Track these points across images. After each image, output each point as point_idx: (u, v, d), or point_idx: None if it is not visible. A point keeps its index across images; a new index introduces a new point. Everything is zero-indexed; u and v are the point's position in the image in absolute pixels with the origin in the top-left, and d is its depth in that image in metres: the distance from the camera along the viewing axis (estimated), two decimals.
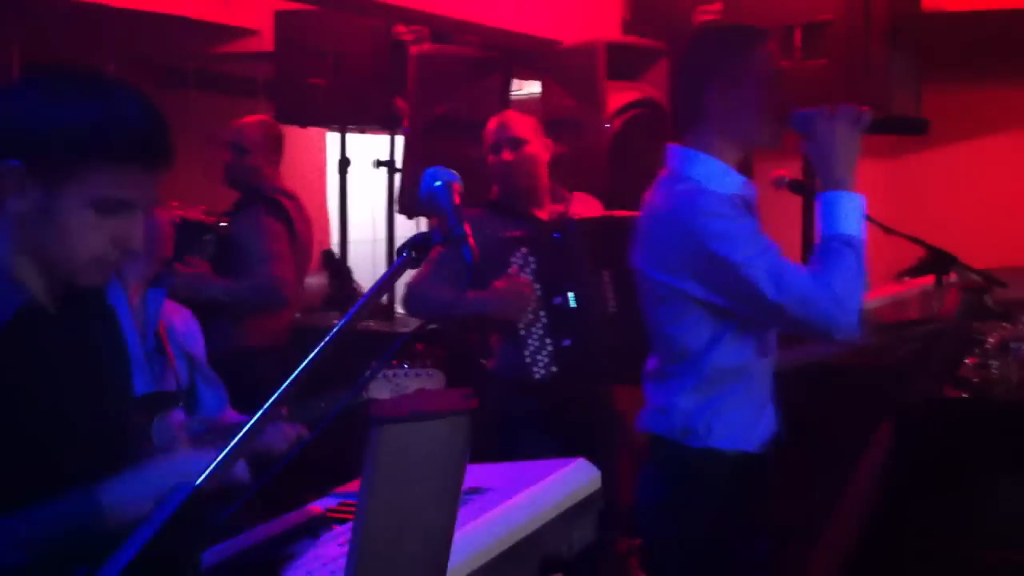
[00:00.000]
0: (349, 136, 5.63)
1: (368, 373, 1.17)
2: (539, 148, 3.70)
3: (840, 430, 3.54)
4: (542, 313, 3.54)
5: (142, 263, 2.64)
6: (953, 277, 3.45)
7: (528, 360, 3.54)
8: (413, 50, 4.69)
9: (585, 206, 3.85)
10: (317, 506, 1.85)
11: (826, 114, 2.33)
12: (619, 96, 4.42)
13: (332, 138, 7.43)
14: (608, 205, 3.98)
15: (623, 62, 4.52)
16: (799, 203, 4.51)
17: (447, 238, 1.43)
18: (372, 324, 5.56)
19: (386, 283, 1.37)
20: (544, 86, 4.64)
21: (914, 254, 4.25)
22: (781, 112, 2.41)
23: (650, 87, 4.52)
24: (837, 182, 2.31)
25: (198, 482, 1.06)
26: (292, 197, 4.69)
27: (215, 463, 1.08)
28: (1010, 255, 4.58)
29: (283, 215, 4.53)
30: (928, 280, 3.52)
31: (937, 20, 4.54)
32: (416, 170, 4.71)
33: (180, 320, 2.89)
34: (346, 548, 1.56)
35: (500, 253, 3.56)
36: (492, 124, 3.73)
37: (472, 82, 4.65)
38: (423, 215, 4.88)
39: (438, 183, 1.52)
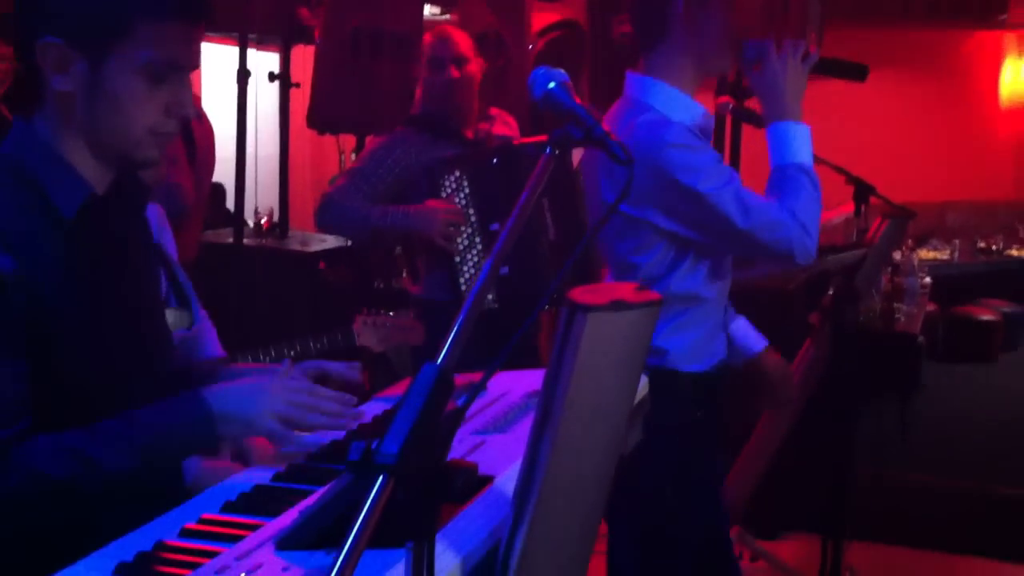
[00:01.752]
0: (227, 49, 5.39)
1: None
2: (477, 68, 3.65)
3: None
4: (478, 239, 3.43)
5: None
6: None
7: (464, 287, 3.42)
8: None
9: (505, 126, 3.84)
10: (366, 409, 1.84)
11: (775, 46, 2.34)
12: (541, 16, 4.42)
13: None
14: (529, 125, 3.99)
15: None
16: None
17: (589, 136, 1.41)
18: (265, 242, 5.45)
19: (535, 187, 1.34)
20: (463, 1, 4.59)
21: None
22: (740, 38, 2.38)
23: (570, 10, 4.53)
24: (785, 113, 2.34)
25: (439, 362, 1.05)
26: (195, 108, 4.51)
27: (449, 342, 1.07)
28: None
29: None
30: (848, 208, 3.69)
31: None
32: (328, 83, 4.61)
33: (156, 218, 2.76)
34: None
35: (431, 174, 3.45)
36: (431, 39, 3.62)
37: None
38: (333, 131, 4.77)
39: (552, 84, 1.47)
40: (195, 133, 4.27)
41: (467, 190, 3.42)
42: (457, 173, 3.41)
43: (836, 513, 3.45)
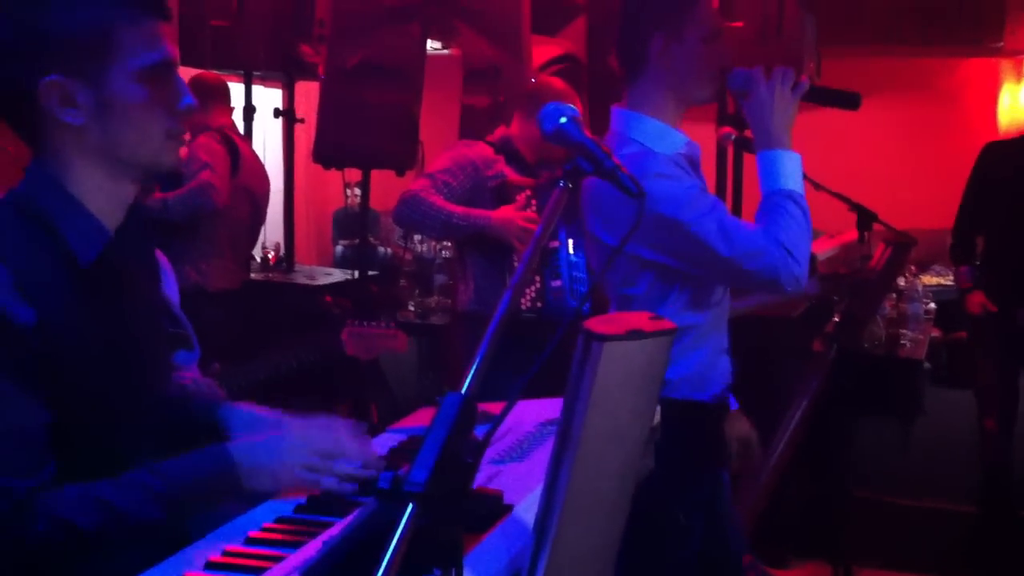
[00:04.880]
0: (233, 85, 5.46)
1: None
2: None
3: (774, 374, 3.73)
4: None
5: None
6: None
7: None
8: None
9: None
10: (380, 442, 1.86)
11: (764, 75, 2.36)
12: (541, 50, 4.46)
13: None
14: None
15: (543, 16, 4.57)
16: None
17: (599, 170, 1.44)
18: (272, 276, 5.48)
19: (549, 219, 1.37)
20: (463, 35, 4.64)
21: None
22: (721, 69, 2.42)
23: (570, 43, 4.58)
24: (775, 141, 2.35)
25: (463, 391, 1.08)
26: (246, 139, 4.90)
27: (472, 372, 1.10)
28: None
29: (227, 140, 4.63)
30: (851, 236, 3.72)
31: None
32: (333, 118, 4.66)
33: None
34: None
35: (503, 190, 3.73)
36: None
37: (390, 29, 4.60)
38: (339, 166, 4.81)
39: (563, 119, 1.50)
40: (242, 154, 4.64)
41: (533, 207, 3.68)
42: (528, 191, 3.70)
43: (842, 539, 3.46)
